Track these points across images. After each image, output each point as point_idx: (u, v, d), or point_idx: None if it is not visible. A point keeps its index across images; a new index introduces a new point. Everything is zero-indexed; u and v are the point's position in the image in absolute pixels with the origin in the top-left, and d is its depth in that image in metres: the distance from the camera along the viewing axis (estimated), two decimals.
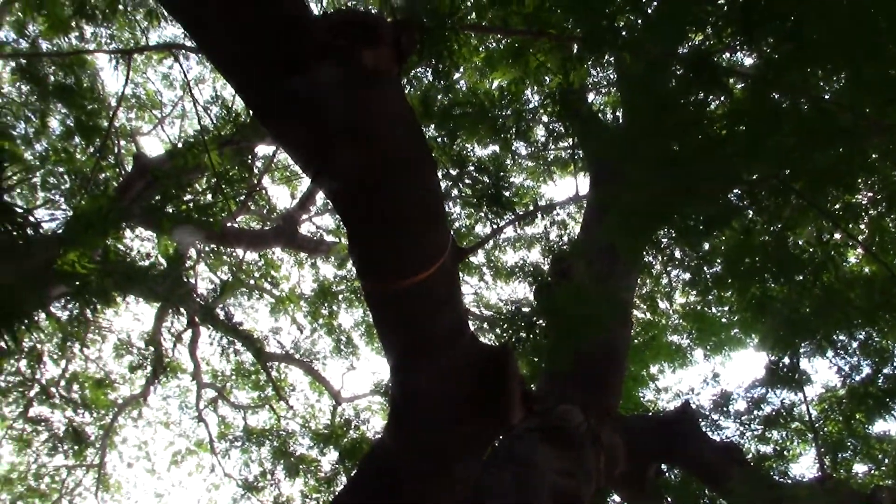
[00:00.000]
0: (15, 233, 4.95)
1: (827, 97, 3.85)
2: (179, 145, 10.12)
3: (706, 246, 6.28)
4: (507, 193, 7.13)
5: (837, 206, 5.45)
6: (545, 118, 8.16)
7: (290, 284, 15.44)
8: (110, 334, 14.17)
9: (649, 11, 4.39)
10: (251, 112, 3.13)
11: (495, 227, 7.88)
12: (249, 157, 10.60)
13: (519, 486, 3.97)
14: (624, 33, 4.40)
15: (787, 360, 6.51)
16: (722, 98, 4.36)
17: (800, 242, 5.55)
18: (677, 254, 7.43)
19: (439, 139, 7.50)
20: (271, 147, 11.09)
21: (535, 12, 5.43)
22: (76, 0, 7.73)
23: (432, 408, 3.37)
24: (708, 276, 6.77)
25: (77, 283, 6.63)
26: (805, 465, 15.69)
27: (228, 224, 11.55)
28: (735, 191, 4.55)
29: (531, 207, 9.69)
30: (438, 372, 3.26)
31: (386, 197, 2.62)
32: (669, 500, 6.22)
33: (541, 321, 5.91)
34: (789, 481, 6.42)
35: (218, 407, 15.36)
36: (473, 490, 3.71)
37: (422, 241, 2.81)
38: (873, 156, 4.34)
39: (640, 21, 4.42)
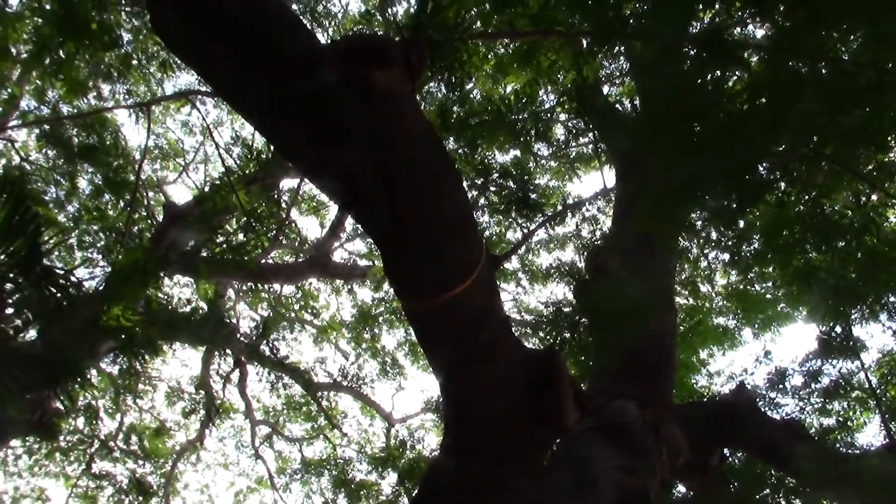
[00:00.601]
0: (59, 294, 5.07)
1: (845, 58, 3.79)
2: (206, 189, 10.28)
3: (742, 223, 6.19)
4: (533, 196, 7.12)
5: (871, 167, 5.36)
6: (563, 116, 8.14)
7: (330, 313, 15.54)
8: (161, 383, 14.38)
9: None
10: (260, 130, 3.12)
11: (526, 230, 7.87)
12: (276, 192, 10.72)
13: (580, 488, 3.93)
14: (632, 21, 4.38)
15: (838, 329, 6.40)
16: (738, 73, 4.31)
17: (836, 208, 5.46)
18: (713, 235, 7.35)
19: (460, 150, 7.51)
20: (296, 179, 11.19)
21: (541, 12, 5.42)
22: (91, 61, 7.91)
23: (485, 419, 3.35)
24: (747, 254, 6.68)
25: (123, 336, 6.74)
26: (871, 434, 15.30)
27: (263, 261, 11.67)
28: (764, 164, 4.49)
29: (559, 207, 9.65)
30: (487, 382, 3.24)
31: (415, 215, 2.63)
32: (735, 485, 6.11)
33: (583, 319, 5.87)
34: (856, 452, 6.28)
35: (273, 442, 15.49)
36: (535, 496, 3.67)
37: (455, 254, 2.80)
38: None
39: (646, 7, 4.39)
